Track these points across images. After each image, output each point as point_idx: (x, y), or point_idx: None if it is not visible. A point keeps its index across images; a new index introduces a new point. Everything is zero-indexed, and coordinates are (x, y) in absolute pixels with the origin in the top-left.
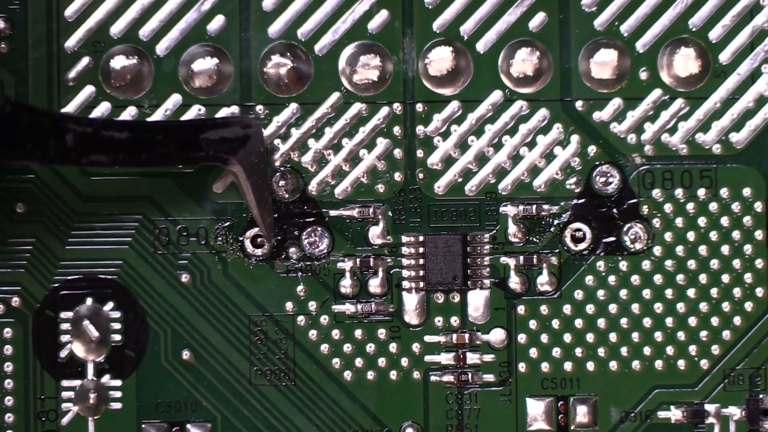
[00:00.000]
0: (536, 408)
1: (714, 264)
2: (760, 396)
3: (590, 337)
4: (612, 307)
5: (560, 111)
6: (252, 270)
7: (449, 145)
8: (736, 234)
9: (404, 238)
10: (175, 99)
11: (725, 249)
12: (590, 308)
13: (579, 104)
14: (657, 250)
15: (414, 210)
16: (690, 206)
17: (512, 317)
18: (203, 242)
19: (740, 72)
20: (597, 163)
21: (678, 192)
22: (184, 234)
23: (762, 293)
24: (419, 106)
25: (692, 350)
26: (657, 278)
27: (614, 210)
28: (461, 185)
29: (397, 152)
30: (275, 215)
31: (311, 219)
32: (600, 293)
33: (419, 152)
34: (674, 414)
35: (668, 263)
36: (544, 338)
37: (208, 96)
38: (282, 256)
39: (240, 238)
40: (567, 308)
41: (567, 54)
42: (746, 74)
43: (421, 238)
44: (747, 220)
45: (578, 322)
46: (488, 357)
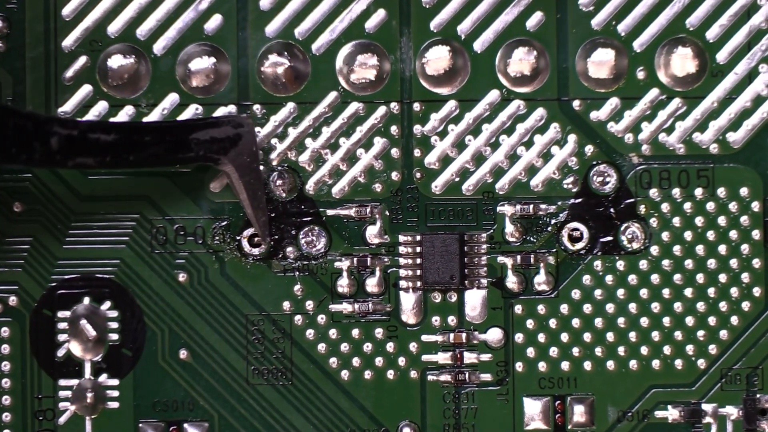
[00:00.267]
0: (533, 407)
1: (711, 264)
2: (758, 395)
3: (587, 337)
4: (609, 307)
5: (557, 110)
6: (249, 269)
7: (446, 145)
8: (734, 234)
9: (401, 238)
10: (173, 98)
11: (722, 249)
12: (587, 308)
13: (576, 104)
14: (654, 250)
15: (411, 209)
16: (687, 206)
17: (509, 317)
18: (200, 241)
19: (737, 71)
20: (594, 163)
21: (675, 191)
22: (182, 233)
23: (759, 293)
24: (416, 106)
25: (689, 350)
26: (654, 278)
27: (611, 209)
28: (458, 185)
29: (395, 152)
30: (272, 214)
31: (308, 218)
32: (597, 293)
33: (416, 152)
34: (671, 413)
35: (665, 263)
36: (542, 338)
37: (206, 95)
38: (279, 256)
39: (237, 238)
40: (564, 308)
41: (564, 53)
42: (743, 74)
43: (419, 238)
44: (744, 220)
45: (575, 322)
46: (485, 356)
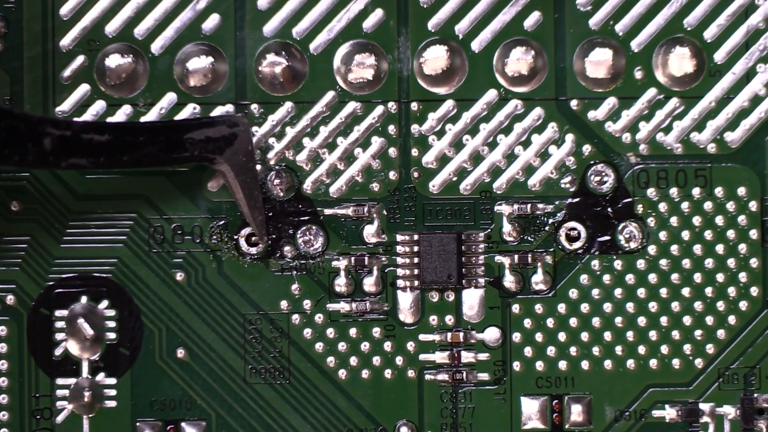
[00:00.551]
0: (531, 407)
1: (709, 263)
2: (755, 395)
3: (585, 336)
4: (606, 306)
5: (555, 110)
6: (247, 268)
7: (444, 144)
8: (731, 233)
9: (399, 237)
10: (170, 98)
11: (720, 248)
12: (585, 307)
13: (574, 103)
14: (652, 250)
15: (409, 209)
16: (685, 205)
17: (507, 316)
18: (198, 241)
19: (735, 71)
20: (592, 162)
21: (673, 191)
22: (179, 232)
23: (756, 292)
24: (414, 105)
25: (687, 349)
26: (652, 277)
27: (609, 209)
28: (456, 184)
29: (392, 151)
30: (269, 214)
31: (306, 218)
32: (594, 292)
33: (414, 151)
34: (669, 413)
35: (663, 262)
36: (539, 337)
37: (203, 95)
38: (277, 255)
39: (235, 237)
40: (562, 307)
41: (562, 53)
42: (741, 73)
43: (416, 237)
44: (742, 220)
45: (573, 321)
46: (483, 356)
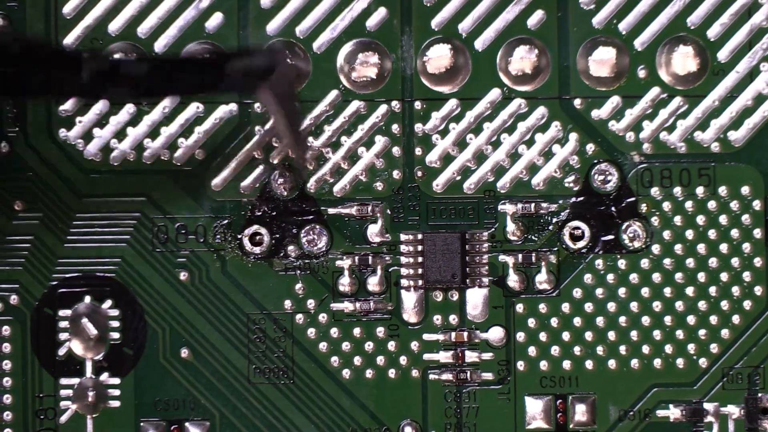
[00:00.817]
0: (535, 406)
1: (713, 262)
2: (759, 395)
3: (589, 336)
4: (611, 306)
5: (559, 109)
6: (250, 268)
7: (448, 143)
8: (735, 232)
9: (403, 236)
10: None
11: (724, 247)
12: (589, 307)
13: (577, 102)
14: (655, 249)
15: (412, 208)
16: (688, 204)
17: (511, 315)
18: (202, 240)
19: (739, 70)
20: (595, 162)
21: (676, 190)
22: (183, 232)
23: (761, 292)
24: (418, 104)
25: (691, 349)
26: (656, 277)
27: (613, 208)
28: (460, 183)
29: (396, 150)
30: (273, 213)
31: (310, 217)
32: (599, 291)
33: (418, 150)
34: (673, 413)
35: (667, 262)
36: (543, 337)
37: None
38: (280, 254)
39: (238, 236)
40: (566, 306)
41: (565, 52)
42: (745, 72)
43: (420, 236)
44: (746, 219)
45: (577, 321)
46: (487, 355)
